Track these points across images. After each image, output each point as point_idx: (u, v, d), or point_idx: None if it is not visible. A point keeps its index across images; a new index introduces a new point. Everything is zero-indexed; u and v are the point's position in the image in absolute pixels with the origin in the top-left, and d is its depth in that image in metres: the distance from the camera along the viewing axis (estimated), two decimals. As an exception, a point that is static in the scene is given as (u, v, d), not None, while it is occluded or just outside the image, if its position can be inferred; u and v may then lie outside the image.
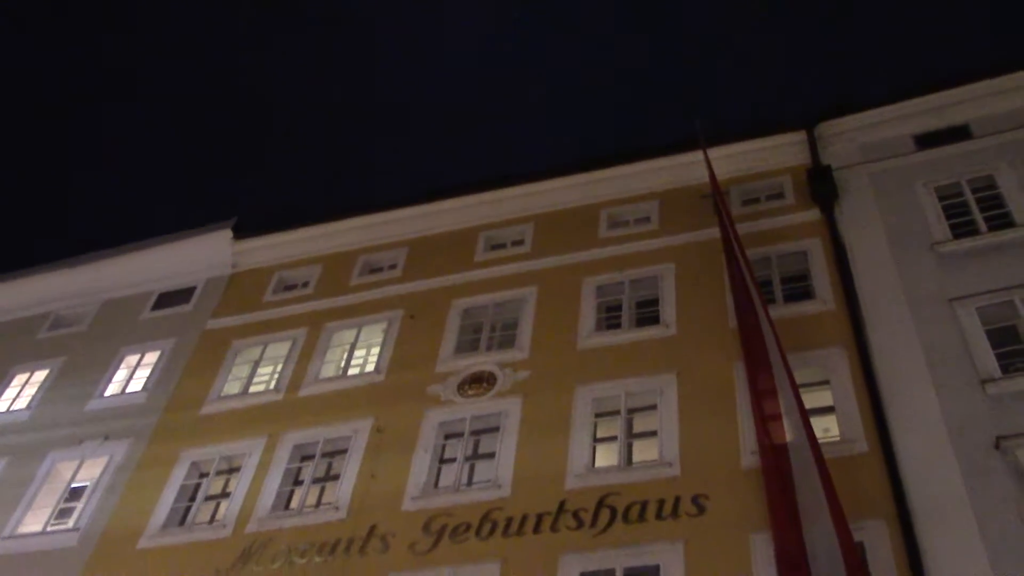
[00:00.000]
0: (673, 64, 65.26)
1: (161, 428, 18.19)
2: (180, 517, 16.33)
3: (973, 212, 16.20)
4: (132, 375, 20.05)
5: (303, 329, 19.36)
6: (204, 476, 16.98)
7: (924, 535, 11.71)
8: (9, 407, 20.34)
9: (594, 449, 14.82)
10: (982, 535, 11.49)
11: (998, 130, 17.49)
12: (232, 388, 18.76)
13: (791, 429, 12.84)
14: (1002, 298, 14.37)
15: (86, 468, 18.00)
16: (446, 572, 13.54)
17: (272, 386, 18.29)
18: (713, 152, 18.61)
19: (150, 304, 21.89)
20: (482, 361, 16.88)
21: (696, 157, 18.94)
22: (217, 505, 16.48)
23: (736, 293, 15.59)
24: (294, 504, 15.88)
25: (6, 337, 22.58)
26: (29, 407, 20.08)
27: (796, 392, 12.97)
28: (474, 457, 15.53)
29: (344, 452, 16.21)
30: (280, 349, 19.21)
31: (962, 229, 16.00)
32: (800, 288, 16.42)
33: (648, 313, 17.00)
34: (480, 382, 16.42)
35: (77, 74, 67.01)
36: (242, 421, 17.58)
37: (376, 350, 18.43)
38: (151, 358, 20.27)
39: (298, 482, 16.26)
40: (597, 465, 14.60)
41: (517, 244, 19.80)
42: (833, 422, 13.95)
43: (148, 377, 19.69)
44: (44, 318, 22.69)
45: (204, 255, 22.31)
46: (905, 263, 15.59)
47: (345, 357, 18.52)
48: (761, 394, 13.62)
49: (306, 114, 69.72)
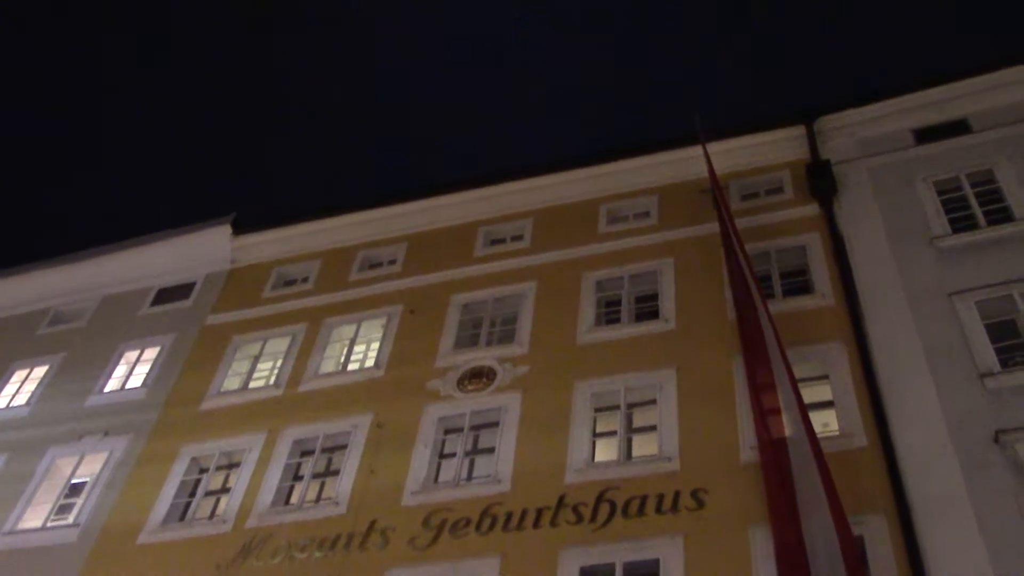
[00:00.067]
0: (672, 59, 65.28)
1: (161, 424, 18.19)
2: (180, 513, 16.34)
3: (972, 206, 16.20)
4: (132, 371, 20.05)
5: (303, 324, 19.36)
6: (204, 472, 16.98)
7: (923, 529, 11.72)
8: (9, 403, 20.33)
9: (594, 444, 14.83)
10: (981, 529, 11.50)
11: (997, 124, 17.50)
12: (232, 384, 18.76)
13: (790, 424, 12.85)
14: (1001, 292, 14.37)
15: (86, 464, 18.00)
16: (446, 567, 13.55)
17: (272, 381, 18.30)
18: (712, 147, 18.59)
19: (149, 300, 21.88)
20: (482, 356, 16.89)
21: (695, 152, 18.93)
22: (217, 500, 16.50)
23: (735, 288, 15.59)
24: (294, 499, 15.89)
25: (6, 333, 22.58)
26: (29, 403, 20.07)
27: (795, 387, 12.98)
28: (474, 452, 15.55)
29: (344, 447, 16.21)
30: (280, 344, 19.21)
31: (961, 223, 16.00)
32: (799, 283, 16.43)
33: (647, 308, 17.01)
34: (480, 377, 16.43)
35: (77, 72, 67.00)
36: (242, 416, 17.59)
37: (376, 345, 18.43)
38: (151, 354, 20.26)
39: (298, 477, 16.27)
40: (597, 460, 14.61)
41: (516, 239, 19.80)
42: (832, 416, 13.96)
43: (148, 373, 19.68)
44: (44, 314, 22.68)
45: (203, 251, 22.30)
46: (904, 258, 15.59)
47: (345, 352, 18.54)
48: (760, 389, 13.63)
49: (305, 109, 69.71)
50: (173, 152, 67.95)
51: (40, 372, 20.91)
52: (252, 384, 18.55)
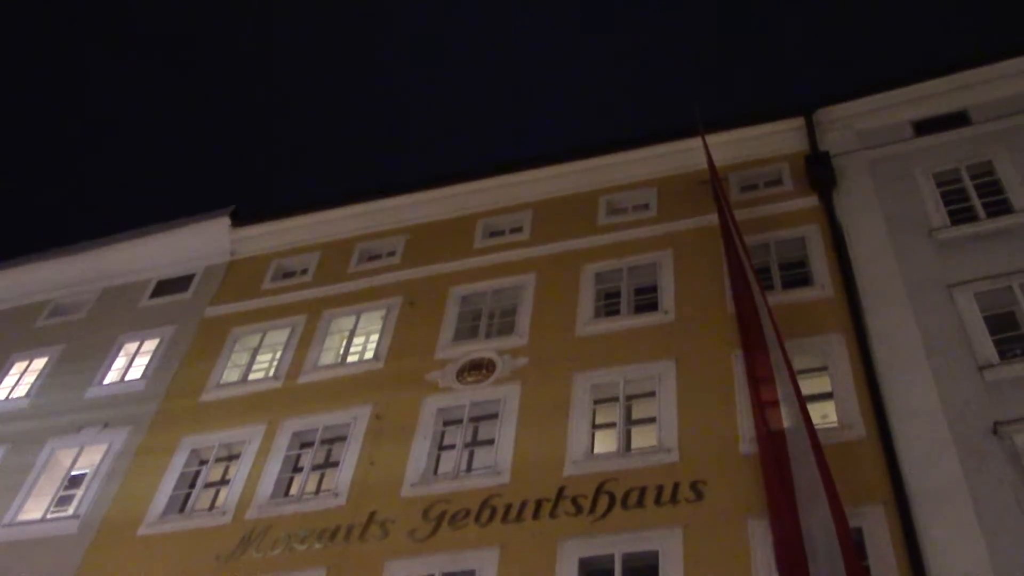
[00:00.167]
0: (672, 51, 65.18)
1: (160, 415, 18.20)
2: (180, 504, 16.35)
3: (972, 198, 16.19)
4: (131, 362, 20.04)
5: (302, 316, 19.37)
6: (204, 463, 16.99)
7: (922, 520, 11.74)
8: (8, 395, 20.33)
9: (593, 435, 14.85)
10: (980, 520, 11.53)
11: (997, 116, 17.48)
12: (231, 375, 18.77)
13: (789, 416, 12.86)
14: (1000, 284, 14.38)
15: (86, 455, 18.01)
16: (445, 558, 13.56)
17: (271, 373, 18.31)
18: (711, 139, 18.59)
19: (149, 291, 21.87)
20: (481, 348, 16.89)
21: (695, 144, 18.92)
22: (217, 492, 16.51)
23: (734, 280, 15.59)
24: (294, 491, 15.91)
25: (5, 325, 22.56)
26: (28, 395, 20.07)
27: (794, 379, 13.00)
28: (473, 444, 15.55)
29: (343, 439, 16.22)
30: (279, 336, 19.21)
31: (960, 215, 16.00)
32: (798, 274, 16.43)
33: (647, 300, 17.00)
34: (479, 369, 16.43)
35: (76, 65, 66.85)
36: (241, 408, 17.60)
37: (375, 337, 18.44)
38: (150, 345, 20.26)
39: (297, 469, 16.28)
40: (596, 451, 14.63)
41: (516, 231, 19.78)
42: (831, 408, 13.98)
43: (147, 364, 19.69)
44: (43, 306, 22.67)
45: (202, 242, 22.28)
46: (903, 249, 15.58)
47: (344, 344, 18.54)
48: (759, 381, 13.64)
49: (305, 101, 69.70)
50: (172, 144, 67.99)
51: (39, 364, 20.89)
52: (251, 376, 18.55)
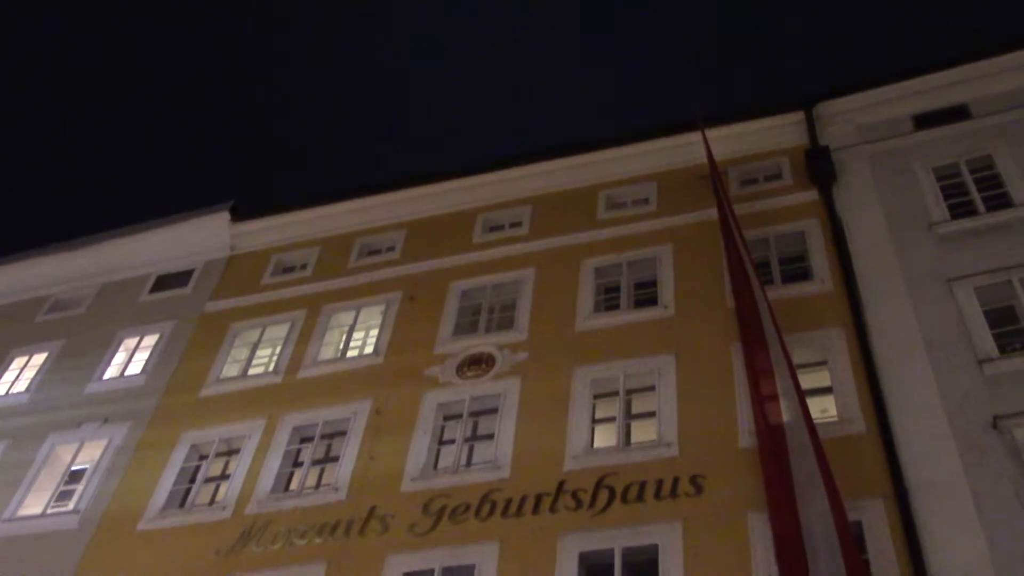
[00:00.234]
0: (672, 45, 65.09)
1: (160, 410, 18.20)
2: (180, 499, 16.37)
3: (971, 192, 16.18)
4: (131, 358, 20.04)
5: (302, 311, 19.36)
6: (204, 458, 17.00)
7: (922, 514, 11.75)
8: (8, 390, 20.34)
9: (593, 430, 14.84)
10: (979, 513, 11.55)
11: (997, 110, 17.47)
12: (231, 371, 18.77)
13: (788, 410, 12.86)
14: (1000, 278, 14.37)
15: (86, 451, 18.02)
16: (445, 553, 13.57)
17: (271, 368, 18.31)
18: (711, 133, 18.58)
19: (148, 287, 21.87)
20: (481, 343, 16.89)
21: (694, 138, 18.92)
22: (217, 487, 16.53)
23: (734, 274, 15.58)
24: (294, 486, 15.91)
25: (5, 320, 22.56)
26: (28, 390, 20.07)
27: (793, 373, 13.00)
28: (473, 438, 15.56)
29: (343, 434, 16.22)
30: (279, 331, 19.21)
31: (960, 210, 15.99)
32: (798, 269, 16.43)
33: (646, 294, 17.00)
34: (479, 364, 16.43)
35: (75, 60, 66.78)
36: (241, 403, 17.60)
37: (375, 332, 18.43)
38: (150, 341, 20.26)
39: (297, 464, 16.29)
40: (596, 446, 14.63)
41: (515, 226, 19.78)
42: (831, 402, 13.98)
43: (147, 360, 19.68)
44: (43, 301, 22.67)
45: (202, 237, 22.28)
46: (903, 244, 15.58)
47: (344, 339, 18.55)
48: (758, 375, 13.64)
49: (304, 96, 69.60)
50: (172, 139, 67.93)
51: (39, 359, 20.90)
52: (251, 371, 18.56)
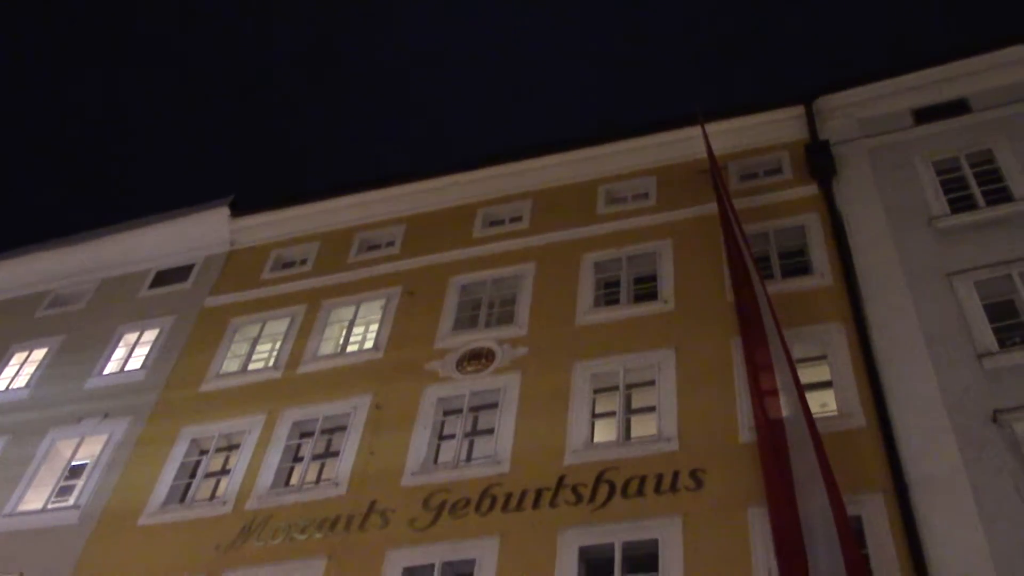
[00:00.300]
0: (671, 39, 65.00)
1: (160, 406, 18.21)
2: (180, 494, 16.38)
3: (971, 186, 16.16)
4: (131, 353, 20.04)
5: (301, 306, 19.36)
6: (204, 453, 17.02)
7: (921, 508, 11.76)
8: (8, 386, 20.35)
9: (593, 424, 14.86)
10: (979, 507, 11.55)
11: (997, 104, 17.45)
12: (231, 366, 18.78)
13: (788, 404, 12.87)
14: (1000, 272, 14.37)
15: (86, 446, 18.03)
16: (445, 547, 13.59)
17: (271, 363, 18.31)
18: (711, 127, 18.56)
19: (148, 282, 21.88)
20: (481, 337, 16.89)
21: (694, 133, 18.89)
22: (217, 482, 16.54)
23: (734, 268, 15.58)
24: (294, 481, 15.93)
25: (4, 315, 22.56)
26: (28, 386, 20.08)
27: (792, 368, 13.01)
28: (473, 433, 15.56)
29: (343, 429, 16.23)
30: (278, 326, 19.21)
31: (960, 203, 15.97)
32: (798, 263, 16.43)
33: (646, 289, 17.00)
34: (479, 358, 16.44)
35: (74, 55, 66.71)
36: (241, 398, 17.61)
37: (375, 327, 18.44)
38: (150, 336, 20.27)
39: (298, 459, 16.30)
40: (596, 440, 14.64)
41: (515, 220, 19.77)
42: (831, 397, 13.98)
43: (147, 355, 19.69)
44: (42, 296, 22.68)
45: (202, 232, 22.27)
46: (903, 238, 15.57)
47: (344, 334, 18.55)
48: (758, 369, 13.64)
49: (304, 91, 69.53)
50: (171, 134, 67.88)
51: (39, 355, 20.90)
52: (251, 366, 18.56)
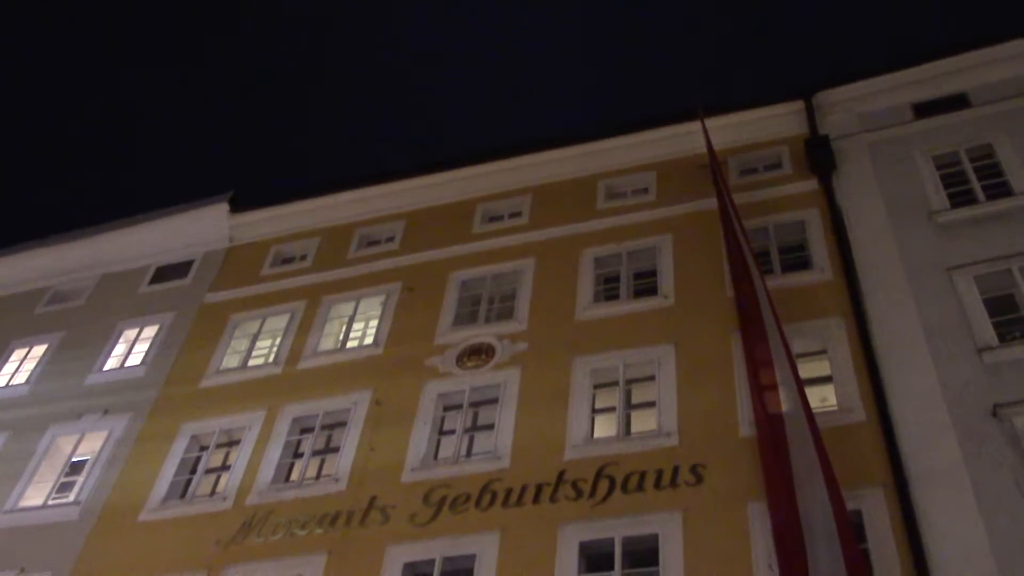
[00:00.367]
0: (671, 33, 64.92)
1: (161, 402, 18.21)
2: (181, 490, 16.39)
3: (971, 181, 16.17)
4: (131, 349, 20.05)
5: (301, 302, 19.36)
6: (204, 449, 17.02)
7: (921, 502, 11.77)
8: (8, 382, 20.35)
9: (593, 420, 14.86)
10: (978, 501, 11.56)
11: (997, 99, 17.45)
12: (231, 362, 18.78)
13: (787, 399, 12.87)
14: (1000, 267, 14.37)
15: (86, 442, 18.03)
16: (446, 543, 13.59)
17: (271, 359, 18.31)
18: (711, 122, 18.57)
19: (148, 278, 21.87)
20: (481, 333, 16.89)
21: (694, 128, 18.90)
22: (217, 478, 16.54)
23: (733, 264, 15.59)
24: (294, 476, 15.93)
25: (4, 312, 22.55)
26: (28, 382, 20.08)
27: (792, 363, 13.00)
28: (473, 428, 15.57)
29: (343, 424, 16.24)
30: (278, 322, 19.21)
31: (960, 198, 15.98)
32: (798, 258, 16.42)
33: (646, 284, 17.00)
34: (479, 354, 16.44)
35: (74, 50, 66.65)
36: (241, 394, 17.61)
37: (374, 323, 18.44)
38: (150, 332, 20.27)
39: (298, 455, 16.30)
40: (596, 436, 14.64)
41: (515, 216, 19.76)
42: (831, 391, 13.99)
43: (147, 351, 19.69)
44: (42, 292, 22.67)
45: (201, 228, 22.26)
46: (903, 232, 15.57)
47: (343, 330, 18.54)
48: (758, 364, 13.65)
49: (304, 87, 69.45)
50: (171, 129, 67.84)
51: (39, 351, 20.91)
52: (251, 362, 18.56)
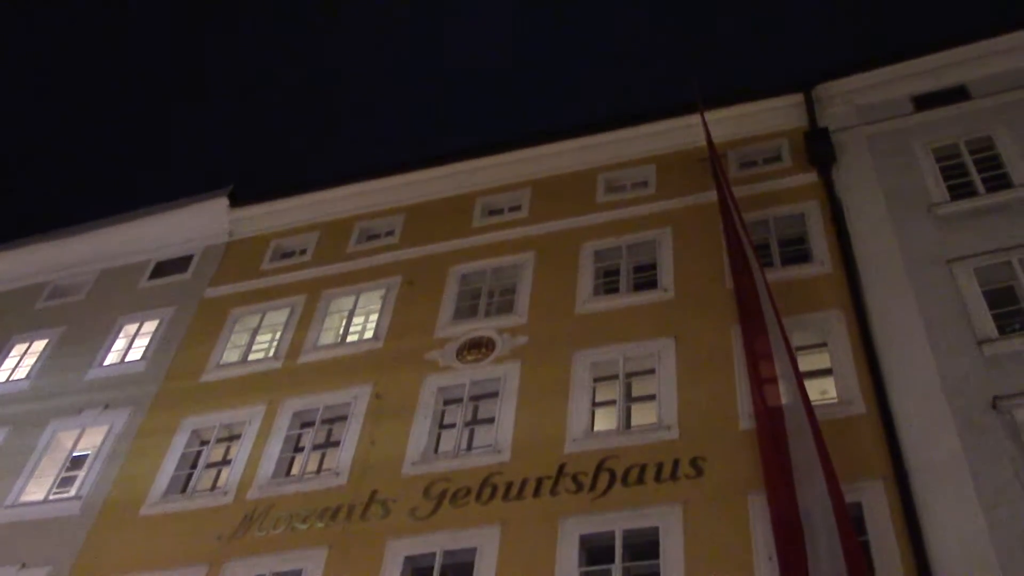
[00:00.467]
0: (670, 26, 64.85)
1: (161, 396, 18.23)
2: (181, 484, 16.41)
3: (971, 173, 16.15)
4: (131, 344, 20.05)
5: (301, 296, 19.36)
6: (205, 444, 17.03)
7: (921, 494, 11.78)
8: (9, 377, 20.37)
9: (593, 413, 14.87)
10: (978, 493, 11.56)
11: (996, 91, 17.42)
12: (231, 356, 18.78)
13: (787, 392, 12.88)
14: (1000, 259, 14.37)
15: (87, 437, 18.04)
16: (446, 536, 13.60)
17: (271, 354, 18.32)
18: (710, 115, 18.53)
19: (148, 273, 21.87)
20: (481, 327, 16.89)
21: (693, 121, 18.87)
22: (218, 472, 16.56)
23: (733, 256, 15.57)
24: (295, 471, 15.95)
25: (5, 307, 22.57)
26: (29, 377, 20.10)
27: (792, 355, 13.01)
28: (473, 422, 15.58)
29: (344, 418, 16.24)
30: (278, 317, 19.21)
31: (960, 190, 15.96)
32: (798, 251, 16.42)
33: (646, 277, 16.99)
34: (479, 348, 16.44)
35: (74, 45, 66.55)
36: (242, 389, 17.62)
37: (374, 317, 18.43)
38: (150, 327, 20.27)
39: (298, 449, 16.31)
40: (596, 429, 14.66)
41: (514, 210, 19.75)
42: (831, 384, 13.99)
43: (147, 346, 19.69)
44: (42, 288, 22.67)
45: (201, 223, 22.25)
46: (903, 225, 15.56)
47: (343, 324, 18.55)
48: (757, 357, 13.65)
49: (303, 80, 69.37)
50: (170, 124, 67.76)
51: (39, 346, 20.92)
52: (251, 356, 18.57)
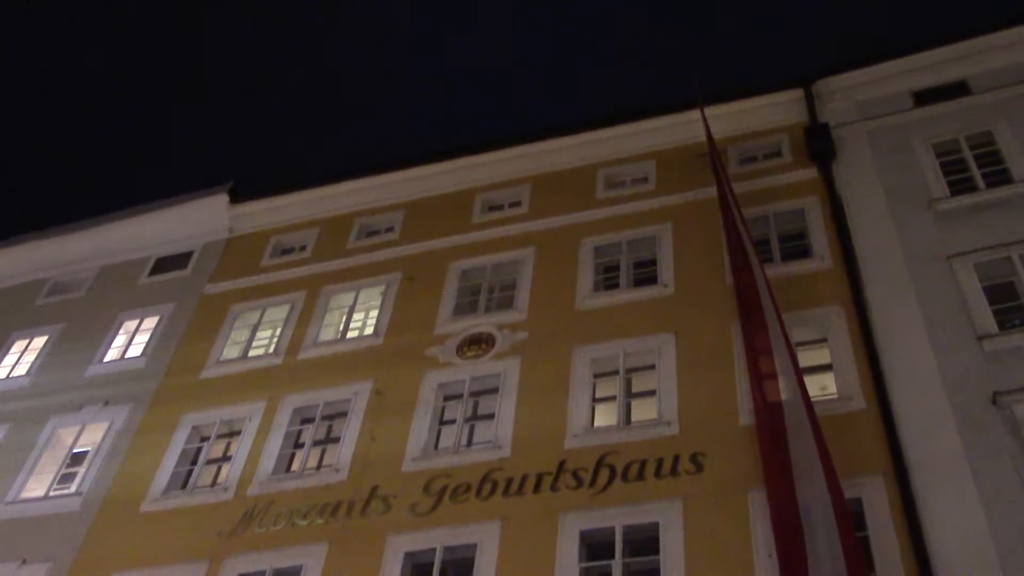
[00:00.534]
0: (671, 22, 64.79)
1: (161, 393, 18.23)
2: (182, 481, 16.42)
3: (971, 169, 16.15)
4: (131, 340, 20.05)
5: (301, 293, 19.36)
6: (205, 440, 17.04)
7: (921, 490, 11.78)
8: (9, 373, 20.38)
9: (593, 409, 14.88)
10: (978, 489, 11.57)
11: (996, 86, 17.42)
12: (231, 352, 18.79)
13: (786, 388, 12.88)
14: (1000, 254, 14.37)
15: (87, 433, 18.05)
16: (447, 532, 13.61)
17: (271, 350, 18.33)
18: (710, 111, 18.54)
19: (148, 269, 21.88)
20: (481, 323, 16.89)
21: (693, 116, 18.86)
22: (218, 469, 16.57)
23: (733, 252, 15.57)
24: (295, 467, 15.96)
25: (5, 303, 22.57)
26: (29, 373, 20.12)
27: (792, 351, 13.01)
28: (474, 418, 15.59)
29: (344, 415, 16.25)
30: (278, 313, 19.22)
31: (960, 186, 15.96)
32: (798, 246, 16.42)
33: (646, 273, 16.99)
34: (479, 343, 16.44)
35: (73, 42, 66.52)
36: (242, 385, 17.63)
37: (374, 313, 18.44)
38: (150, 323, 20.28)
39: (299, 445, 16.33)
40: (596, 425, 14.67)
41: (514, 205, 19.74)
42: (831, 380, 14.00)
43: (147, 342, 19.70)
44: (42, 284, 22.68)
45: (201, 219, 22.25)
46: (903, 220, 15.55)
47: (343, 320, 18.54)
48: (758, 353, 13.65)
49: (303, 79, 69.32)
50: (170, 121, 67.73)
51: (40, 342, 20.92)
52: (252, 352, 18.57)
